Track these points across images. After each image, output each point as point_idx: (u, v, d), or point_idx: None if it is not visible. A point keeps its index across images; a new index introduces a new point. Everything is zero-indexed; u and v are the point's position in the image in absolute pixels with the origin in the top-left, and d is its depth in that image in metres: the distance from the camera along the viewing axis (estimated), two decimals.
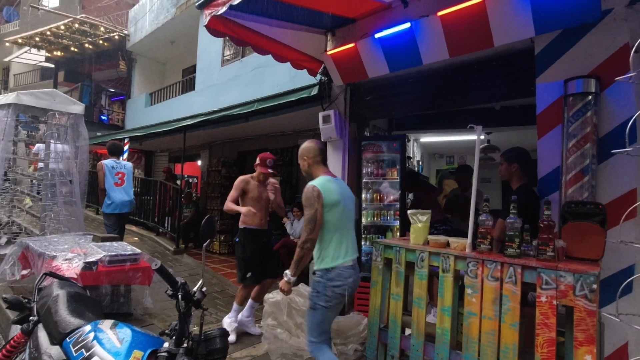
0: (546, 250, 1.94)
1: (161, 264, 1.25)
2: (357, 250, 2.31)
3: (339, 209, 2.15)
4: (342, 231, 2.18)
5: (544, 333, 1.84)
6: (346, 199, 2.25)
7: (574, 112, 2.35)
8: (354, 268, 2.22)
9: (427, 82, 3.52)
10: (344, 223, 2.19)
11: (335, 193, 2.16)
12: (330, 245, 2.14)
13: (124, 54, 11.16)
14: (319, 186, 2.11)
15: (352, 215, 2.31)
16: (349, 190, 2.36)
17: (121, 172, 4.40)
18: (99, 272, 2.96)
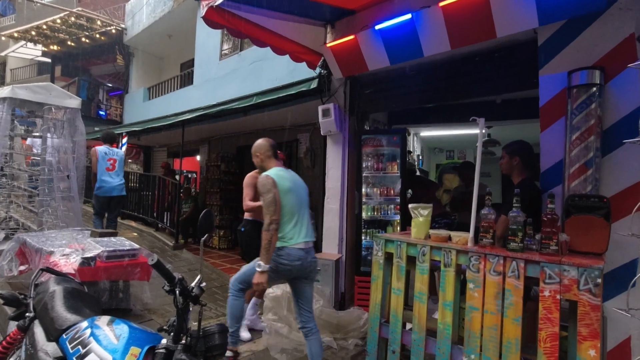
0: (549, 244, 1.92)
1: (158, 259, 1.22)
2: (312, 234, 2.50)
3: (292, 196, 2.39)
4: (296, 216, 2.39)
5: (547, 328, 1.82)
6: (298, 187, 2.48)
7: (578, 104, 2.31)
8: (307, 251, 2.40)
9: (428, 74, 3.47)
10: (297, 209, 2.40)
11: (287, 181, 2.40)
12: (284, 228, 2.35)
13: (122, 48, 11.06)
14: (272, 175, 2.35)
15: (305, 202, 2.53)
16: (301, 180, 2.59)
17: (113, 159, 4.63)
18: (97, 268, 2.93)
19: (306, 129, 6.69)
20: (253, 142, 6.64)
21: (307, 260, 2.38)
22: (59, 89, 4.40)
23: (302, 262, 2.36)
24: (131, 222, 7.64)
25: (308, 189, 2.60)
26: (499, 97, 4.57)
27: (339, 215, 3.95)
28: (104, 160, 4.51)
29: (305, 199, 2.53)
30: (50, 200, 4.34)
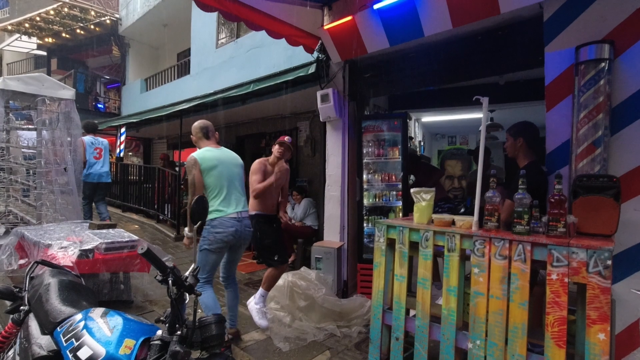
0: (557, 227, 1.85)
1: (147, 248, 1.17)
2: (243, 205, 2.75)
3: (217, 172, 2.60)
4: (225, 189, 2.62)
5: (554, 312, 1.77)
6: (226, 164, 2.67)
7: (586, 81, 2.22)
8: (239, 220, 2.66)
9: (429, 56, 3.36)
10: (224, 182, 2.62)
11: (211, 159, 2.60)
12: (214, 201, 2.59)
13: (117, 39, 10.89)
14: (196, 155, 2.57)
15: (236, 177, 2.72)
16: (234, 157, 2.80)
17: (99, 148, 5.09)
18: (95, 260, 2.89)
19: (306, 117, 6.59)
20: (253, 132, 6.60)
21: (240, 228, 2.64)
22: (52, 79, 4.32)
23: (236, 229, 2.61)
24: (132, 215, 7.63)
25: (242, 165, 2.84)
26: (502, 79, 4.47)
27: (340, 203, 3.90)
28: (91, 149, 4.94)
29: (237, 174, 2.73)
30: (49, 193, 4.29)
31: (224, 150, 2.76)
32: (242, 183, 2.77)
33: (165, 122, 7.84)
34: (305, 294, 3.27)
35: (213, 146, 2.71)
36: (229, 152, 2.79)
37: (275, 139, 7.28)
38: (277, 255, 3.15)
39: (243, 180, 2.81)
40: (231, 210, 2.61)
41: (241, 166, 2.82)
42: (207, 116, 7.23)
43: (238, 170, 2.76)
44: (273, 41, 6.20)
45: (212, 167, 2.58)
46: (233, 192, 2.66)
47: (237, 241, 2.66)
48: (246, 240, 2.78)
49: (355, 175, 3.99)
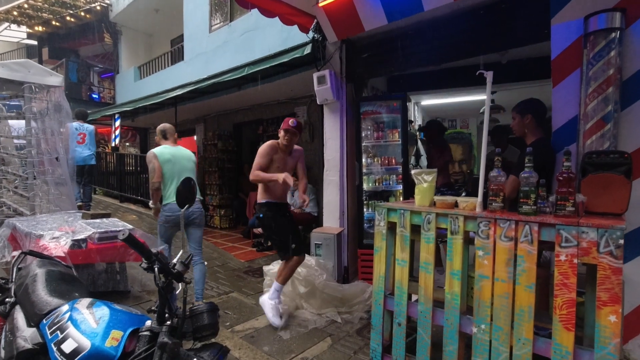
0: (565, 206, 1.76)
1: (129, 234, 1.08)
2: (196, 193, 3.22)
3: (170, 165, 3.11)
4: (175, 179, 3.09)
5: (563, 294, 1.70)
6: (178, 159, 3.18)
7: (596, 53, 2.10)
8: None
9: (429, 33, 3.23)
10: (176, 174, 3.11)
11: (166, 155, 3.13)
12: (166, 189, 3.11)
13: (108, 26, 10.62)
14: (155, 151, 3.13)
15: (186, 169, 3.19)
16: (187, 153, 3.30)
17: (83, 133, 5.57)
18: (89, 250, 2.82)
19: (303, 102, 6.45)
20: (250, 119, 6.44)
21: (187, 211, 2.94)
22: (38, 65, 4.17)
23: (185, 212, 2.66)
24: (130, 205, 7.55)
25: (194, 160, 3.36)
26: (504, 57, 4.33)
27: (339, 188, 3.81)
28: (74, 135, 5.32)
29: (188, 167, 3.23)
30: (42, 183, 4.20)
31: (179, 148, 3.30)
32: (193, 175, 3.24)
33: (160, 111, 7.69)
34: (306, 280, 3.21)
35: (170, 145, 3.28)
36: (183, 150, 3.32)
37: (272, 125, 7.18)
38: (294, 244, 2.99)
39: (194, 172, 3.32)
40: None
41: (193, 161, 3.34)
42: (202, 104, 7.12)
43: (189, 164, 3.27)
44: (268, 24, 6.04)
45: (166, 161, 3.11)
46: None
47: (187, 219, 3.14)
48: (198, 220, 3.20)
49: (354, 160, 3.90)
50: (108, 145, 10.91)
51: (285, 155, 3.08)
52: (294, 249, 2.98)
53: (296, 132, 3.03)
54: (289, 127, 2.98)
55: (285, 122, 3.00)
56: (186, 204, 1.36)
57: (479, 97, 6.71)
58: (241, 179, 7.93)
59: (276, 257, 5.14)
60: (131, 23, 10.57)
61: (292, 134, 3.00)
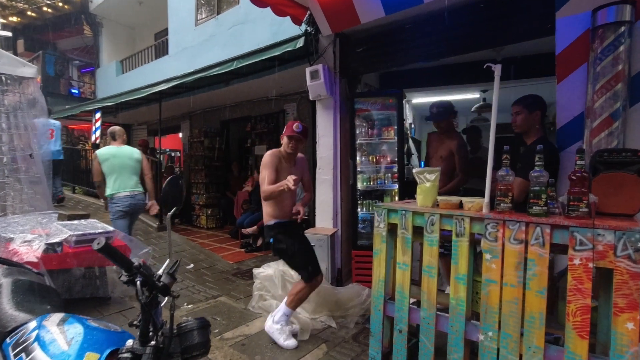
0: (579, 206, 1.67)
1: (105, 242, 0.92)
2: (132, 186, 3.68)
3: (110, 163, 3.59)
4: (116, 175, 3.60)
5: (577, 300, 1.61)
6: (119, 157, 3.65)
7: (605, 47, 2.02)
8: (132, 197, 3.65)
9: (427, 26, 3.12)
10: (117, 170, 3.60)
11: (105, 154, 3.62)
12: (109, 184, 3.60)
13: (88, 18, 10.19)
14: (97, 152, 3.68)
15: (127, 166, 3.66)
16: (129, 152, 3.75)
17: (51, 129, 5.72)
18: (64, 254, 2.61)
19: (293, 99, 6.29)
20: (237, 116, 6.20)
21: (133, 202, 3.65)
22: (10, 55, 3.89)
23: (130, 203, 3.62)
24: None
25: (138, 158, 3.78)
26: (499, 55, 4.26)
27: (332, 187, 3.68)
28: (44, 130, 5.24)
29: (129, 164, 3.68)
30: (14, 182, 3.93)
31: (122, 148, 3.75)
32: (134, 171, 3.73)
33: (144, 107, 7.40)
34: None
35: (116, 145, 3.75)
36: (127, 149, 3.77)
37: (261, 122, 6.99)
38: (310, 265, 2.63)
39: (137, 168, 3.75)
40: (122, 190, 3.61)
41: (136, 159, 3.76)
42: (188, 100, 6.87)
43: (131, 162, 3.71)
44: (257, 17, 5.85)
45: (106, 159, 3.59)
46: (125, 177, 3.65)
47: (132, 210, 3.66)
48: (139, 209, 3.74)
49: (348, 157, 3.77)
50: (88, 142, 10.50)
51: (290, 165, 2.72)
52: (311, 271, 2.61)
53: (301, 139, 2.63)
54: (294, 132, 2.58)
55: (289, 128, 2.62)
56: (174, 206, 1.20)
57: (470, 96, 6.69)
58: (229, 177, 7.72)
59: (266, 259, 4.98)
60: (113, 15, 10.17)
61: (297, 140, 2.62)
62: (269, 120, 6.78)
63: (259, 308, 3.21)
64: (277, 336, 2.61)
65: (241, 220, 5.78)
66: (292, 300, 2.63)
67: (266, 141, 6.79)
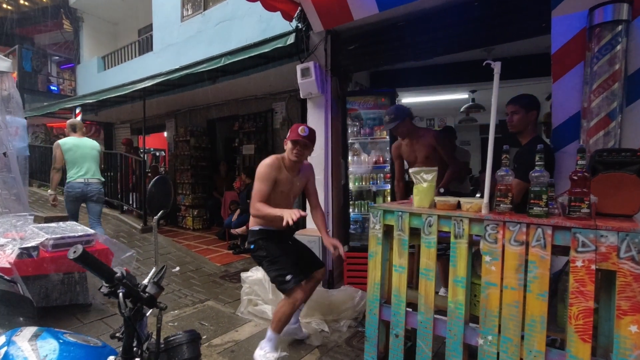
0: (580, 207, 1.64)
1: (83, 250, 0.82)
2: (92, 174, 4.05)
3: (72, 153, 3.95)
4: (77, 164, 3.97)
5: (579, 303, 1.57)
6: (80, 147, 4.02)
7: (602, 46, 2.01)
8: (85, 184, 3.99)
9: (420, 24, 3.08)
10: (77, 160, 3.97)
11: (69, 144, 3.97)
12: (68, 171, 3.96)
13: (68, 12, 9.82)
14: (59, 141, 3.99)
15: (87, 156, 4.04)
16: (90, 143, 4.16)
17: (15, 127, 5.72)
18: (41, 260, 2.46)
19: (282, 98, 6.19)
20: (224, 114, 6.07)
21: (86, 189, 3.98)
22: None
23: (82, 190, 3.96)
24: None
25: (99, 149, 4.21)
26: (490, 55, 4.27)
27: (323, 187, 3.60)
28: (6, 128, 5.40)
29: (90, 154, 4.06)
30: None
31: (84, 139, 4.12)
32: (94, 160, 4.10)
33: (127, 104, 7.17)
34: None
35: (77, 136, 4.10)
36: (88, 140, 4.15)
37: (249, 121, 6.84)
38: (289, 273, 2.31)
39: (97, 158, 4.13)
40: (77, 177, 3.95)
41: (97, 150, 4.17)
42: (173, 98, 6.68)
43: (92, 152, 4.09)
44: (245, 13, 5.73)
45: (68, 149, 3.93)
46: (84, 165, 3.99)
47: (86, 197, 4.00)
48: (95, 197, 4.04)
49: (339, 157, 3.70)
50: None
51: (293, 174, 2.42)
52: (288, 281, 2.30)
53: (308, 144, 2.32)
54: (299, 137, 2.26)
55: (293, 131, 2.31)
56: (161, 209, 1.10)
57: (459, 96, 6.72)
58: (216, 177, 7.55)
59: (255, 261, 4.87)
60: (94, 10, 9.84)
61: (302, 146, 2.31)
62: (257, 119, 6.66)
63: (249, 313, 3.11)
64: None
65: (229, 221, 5.64)
66: (273, 321, 2.34)
67: (254, 140, 6.67)
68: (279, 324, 2.32)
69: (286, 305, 2.31)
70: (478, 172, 8.84)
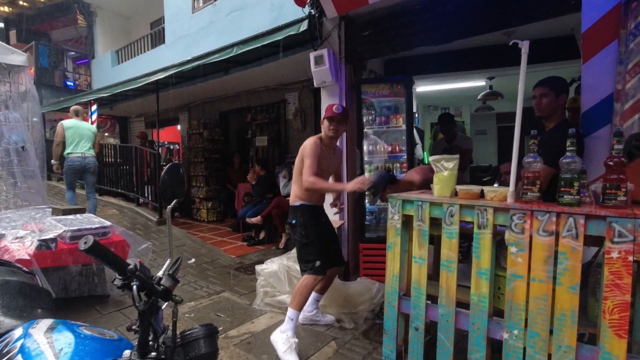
0: (617, 195, 1.53)
1: (94, 241, 0.78)
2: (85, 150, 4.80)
3: (72, 130, 4.73)
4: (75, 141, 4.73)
5: (614, 296, 1.48)
6: (79, 128, 4.83)
7: (639, 22, 1.86)
8: (83, 157, 4.78)
9: (438, 7, 2.95)
10: (75, 137, 4.73)
11: (71, 124, 4.77)
12: (68, 147, 4.70)
13: (81, 7, 9.90)
14: (62, 122, 4.80)
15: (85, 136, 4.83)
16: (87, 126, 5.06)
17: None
18: (59, 251, 2.48)
19: (294, 88, 6.12)
20: (237, 106, 6.04)
21: (83, 162, 4.75)
22: None
23: (80, 162, 4.73)
24: (110, 199, 7.10)
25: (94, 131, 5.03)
26: (510, 39, 4.08)
27: (339, 177, 3.52)
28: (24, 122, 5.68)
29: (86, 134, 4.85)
30: (7, 175, 3.78)
31: (83, 122, 4.97)
32: (90, 139, 4.85)
33: (140, 98, 7.22)
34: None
35: (78, 120, 4.90)
36: (86, 123, 5.08)
37: (261, 113, 6.80)
38: (318, 260, 2.44)
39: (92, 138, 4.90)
40: (77, 152, 4.71)
41: (93, 131, 4.97)
42: (186, 90, 6.68)
43: (89, 132, 4.88)
44: (257, 2, 5.65)
45: (69, 127, 4.72)
46: (80, 143, 4.75)
47: (84, 168, 4.78)
48: (90, 168, 4.85)
49: (354, 147, 3.62)
50: None
51: (330, 153, 2.57)
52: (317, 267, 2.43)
53: (342, 120, 2.48)
54: (334, 113, 2.44)
55: (329, 110, 2.49)
56: (174, 198, 1.06)
57: (475, 84, 6.51)
58: (229, 169, 7.57)
59: (269, 252, 4.86)
60: (106, 4, 9.90)
61: (338, 122, 2.47)
62: (270, 111, 6.60)
63: (266, 305, 3.09)
64: (280, 346, 2.31)
65: (243, 213, 5.64)
66: (293, 299, 2.41)
67: (267, 132, 6.63)
68: (300, 299, 2.41)
69: (308, 279, 2.43)
70: (496, 162, 8.62)
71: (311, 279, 2.43)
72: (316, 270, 2.44)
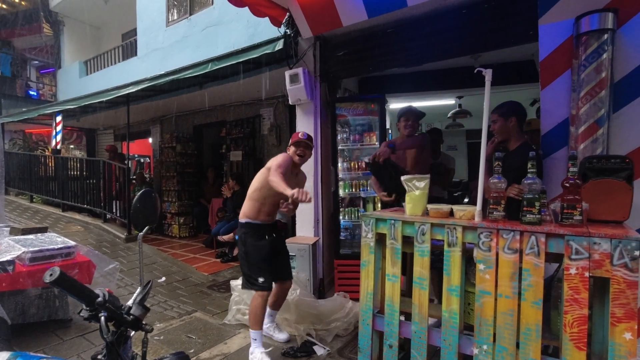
0: (573, 214, 1.64)
1: (60, 272, 0.75)
2: None
3: None
4: None
5: (573, 310, 1.56)
6: None
7: (588, 55, 2.04)
8: None
9: (410, 31, 3.09)
10: None
11: None
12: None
13: (48, 16, 9.56)
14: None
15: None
16: None
17: None
18: (17, 274, 2.33)
19: (269, 104, 6.14)
20: (211, 120, 6.15)
21: None
22: None
23: None
24: (75, 215, 6.76)
25: None
26: (477, 62, 4.33)
27: (313, 194, 3.55)
28: None
29: None
30: None
31: None
32: None
33: (110, 110, 7.00)
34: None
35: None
36: None
37: (236, 127, 6.76)
38: (260, 276, 2.48)
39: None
40: None
41: None
42: (158, 103, 6.55)
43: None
44: (232, 18, 5.68)
45: None
46: None
47: None
48: None
49: (329, 164, 3.67)
50: (48, 147, 9.83)
51: (294, 175, 2.63)
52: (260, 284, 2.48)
53: (309, 144, 2.58)
54: (300, 139, 2.55)
55: (295, 136, 2.61)
56: (147, 224, 1.04)
57: (446, 102, 6.79)
58: (203, 183, 7.42)
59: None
60: (75, 13, 9.60)
61: (304, 146, 2.56)
62: (245, 125, 6.58)
63: (237, 322, 3.02)
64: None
65: (217, 229, 5.53)
66: (250, 321, 2.50)
67: (242, 147, 6.58)
68: (255, 318, 2.48)
69: (256, 299, 2.49)
70: (466, 177, 8.94)
71: (258, 297, 2.49)
72: (260, 287, 2.48)
